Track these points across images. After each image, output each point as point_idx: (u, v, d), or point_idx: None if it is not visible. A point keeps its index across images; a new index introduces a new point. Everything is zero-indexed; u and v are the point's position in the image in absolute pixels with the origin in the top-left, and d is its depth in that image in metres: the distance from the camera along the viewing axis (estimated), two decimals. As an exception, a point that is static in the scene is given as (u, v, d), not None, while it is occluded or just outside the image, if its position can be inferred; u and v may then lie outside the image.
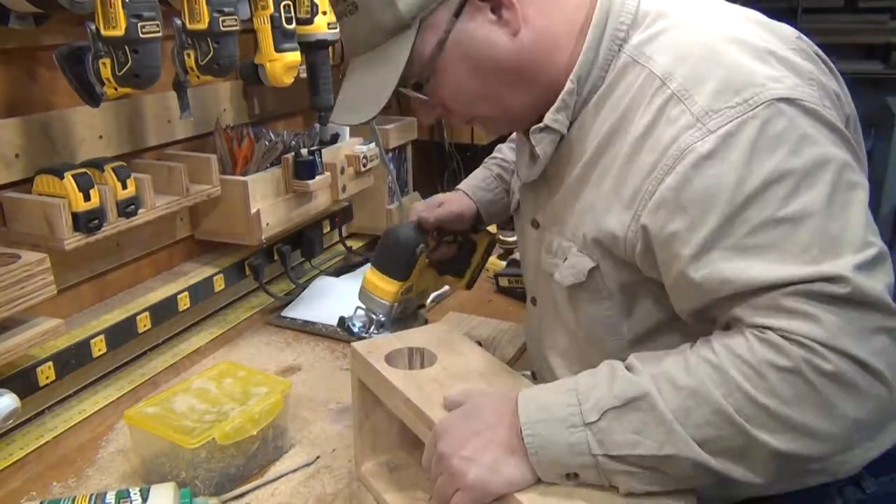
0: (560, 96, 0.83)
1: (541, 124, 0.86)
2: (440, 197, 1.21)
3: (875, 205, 3.05)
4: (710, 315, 0.76)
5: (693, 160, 0.72)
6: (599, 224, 0.82)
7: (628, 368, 0.74)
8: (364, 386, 0.99)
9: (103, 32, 1.04)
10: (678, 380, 0.70)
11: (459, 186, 1.24)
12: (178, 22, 1.18)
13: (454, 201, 1.20)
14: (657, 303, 0.84)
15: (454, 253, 1.23)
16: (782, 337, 0.68)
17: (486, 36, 0.82)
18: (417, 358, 0.99)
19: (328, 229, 1.80)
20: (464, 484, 0.74)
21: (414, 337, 1.01)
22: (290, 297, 1.64)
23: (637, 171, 0.77)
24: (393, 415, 0.93)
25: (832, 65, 0.83)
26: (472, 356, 0.96)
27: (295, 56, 1.38)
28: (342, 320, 1.17)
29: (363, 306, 1.16)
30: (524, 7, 0.81)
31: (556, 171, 0.91)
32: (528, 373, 1.06)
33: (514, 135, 1.21)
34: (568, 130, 0.87)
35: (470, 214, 1.21)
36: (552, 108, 0.84)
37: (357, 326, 1.15)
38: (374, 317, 1.14)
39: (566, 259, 0.88)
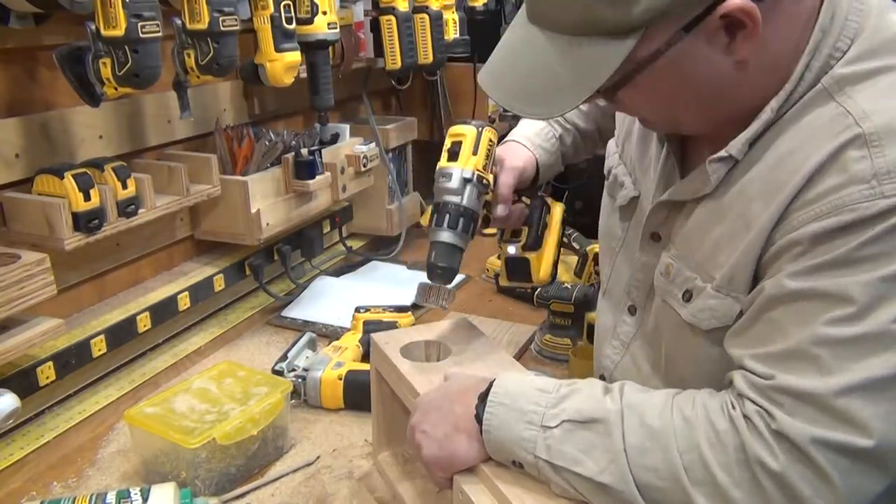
0: (754, 126, 0.74)
1: (724, 153, 0.75)
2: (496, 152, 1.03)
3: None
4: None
5: (849, 220, 0.64)
6: (744, 260, 0.73)
7: (611, 390, 0.74)
8: (381, 377, 1.00)
9: (103, 32, 1.04)
10: (647, 417, 0.70)
11: (514, 137, 1.09)
12: (178, 22, 1.18)
13: (515, 156, 1.05)
14: None
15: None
16: (768, 427, 0.65)
17: (707, 58, 0.70)
18: (434, 351, 1.00)
19: (328, 229, 1.80)
20: (421, 456, 0.81)
21: (432, 330, 1.03)
22: (290, 297, 1.64)
23: (790, 211, 0.69)
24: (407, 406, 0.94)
25: None
26: (486, 352, 0.97)
27: (295, 56, 1.38)
28: None
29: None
30: (763, 30, 0.68)
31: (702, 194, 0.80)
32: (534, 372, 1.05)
33: None
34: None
35: (531, 172, 1.07)
36: (743, 138, 0.74)
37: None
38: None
39: (689, 296, 0.79)
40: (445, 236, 0.95)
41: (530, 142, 1.09)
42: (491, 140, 0.99)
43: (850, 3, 0.72)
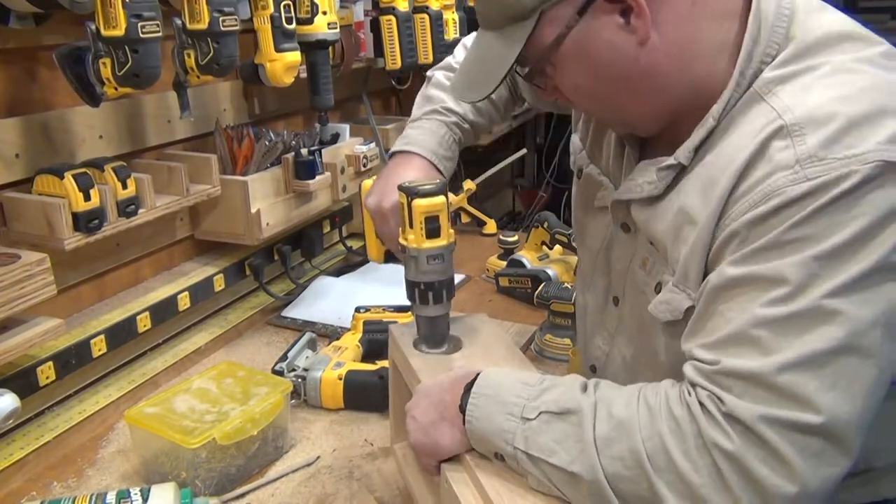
0: (699, 133, 0.77)
1: (672, 160, 0.79)
2: (407, 176, 1.02)
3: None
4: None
5: (777, 203, 0.67)
6: (693, 257, 0.76)
7: (588, 385, 0.76)
8: (397, 367, 1.02)
9: (103, 32, 1.04)
10: (614, 409, 0.72)
11: (421, 151, 1.07)
12: (178, 22, 1.18)
13: (428, 177, 1.06)
14: None
15: None
16: (720, 410, 0.67)
17: (608, 39, 0.76)
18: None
19: (328, 229, 1.80)
20: (410, 441, 0.86)
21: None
22: (290, 297, 1.64)
23: (728, 205, 0.72)
24: None
25: None
26: (497, 348, 0.98)
27: (295, 56, 1.38)
28: None
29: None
30: (660, 13, 0.73)
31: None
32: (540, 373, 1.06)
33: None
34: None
35: None
36: (689, 145, 0.77)
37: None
38: None
39: (660, 288, 0.82)
40: (435, 311, 0.96)
41: (435, 156, 1.08)
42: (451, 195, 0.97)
43: (776, 9, 0.75)
